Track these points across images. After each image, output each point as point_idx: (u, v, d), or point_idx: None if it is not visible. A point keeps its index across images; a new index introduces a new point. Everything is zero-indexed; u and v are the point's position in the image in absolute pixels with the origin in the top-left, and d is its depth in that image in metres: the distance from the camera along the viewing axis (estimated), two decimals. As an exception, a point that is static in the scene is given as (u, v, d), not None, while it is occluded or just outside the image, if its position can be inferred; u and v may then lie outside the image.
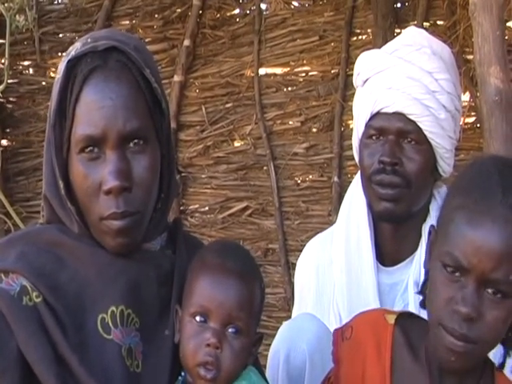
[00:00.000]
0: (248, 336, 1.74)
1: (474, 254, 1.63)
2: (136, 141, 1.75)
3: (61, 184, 1.78)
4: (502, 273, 1.63)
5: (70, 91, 1.75)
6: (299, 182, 4.50)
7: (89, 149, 1.74)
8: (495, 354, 1.84)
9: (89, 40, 1.79)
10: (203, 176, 4.69)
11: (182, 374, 1.77)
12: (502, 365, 1.81)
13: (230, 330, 1.72)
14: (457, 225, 1.67)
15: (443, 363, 1.73)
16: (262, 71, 4.58)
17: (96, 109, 1.73)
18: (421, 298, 1.84)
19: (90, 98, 1.74)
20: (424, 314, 1.83)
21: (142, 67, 1.77)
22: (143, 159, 1.76)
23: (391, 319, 1.85)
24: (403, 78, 2.33)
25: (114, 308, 1.75)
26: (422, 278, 1.86)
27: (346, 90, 4.34)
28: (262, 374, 1.91)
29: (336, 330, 1.93)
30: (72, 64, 1.76)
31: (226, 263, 1.75)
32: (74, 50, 1.79)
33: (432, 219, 2.39)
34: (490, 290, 1.65)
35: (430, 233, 1.81)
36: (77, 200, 1.78)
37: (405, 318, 1.88)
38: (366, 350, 1.83)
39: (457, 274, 1.66)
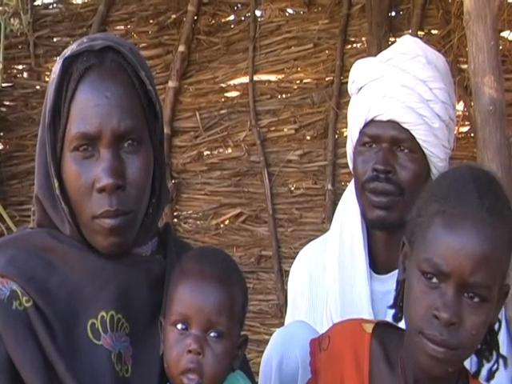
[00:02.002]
0: (230, 339, 1.74)
1: (454, 258, 1.65)
2: (130, 141, 1.76)
3: (56, 183, 1.77)
4: (481, 276, 1.65)
5: (66, 89, 1.76)
6: (293, 189, 4.49)
7: (83, 147, 1.75)
8: (469, 363, 1.86)
9: (85, 40, 1.81)
10: (197, 182, 4.68)
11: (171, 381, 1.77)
12: (478, 373, 1.82)
13: (211, 334, 1.72)
14: (435, 230, 1.69)
15: (425, 370, 1.73)
16: (257, 78, 4.58)
17: (91, 107, 1.73)
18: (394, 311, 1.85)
19: (85, 96, 1.74)
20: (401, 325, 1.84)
21: (137, 68, 1.78)
22: (137, 160, 1.76)
23: (368, 328, 1.86)
24: (397, 86, 2.34)
25: (103, 313, 1.75)
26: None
27: (341, 97, 4.34)
28: (252, 379, 1.91)
29: (313, 340, 1.93)
30: (68, 63, 1.77)
31: (203, 269, 1.75)
32: (69, 50, 1.80)
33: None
34: (468, 295, 1.66)
35: (402, 245, 1.81)
36: (69, 200, 1.78)
37: (382, 327, 1.89)
38: (344, 361, 1.84)
39: (436, 280, 1.68)
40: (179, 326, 1.72)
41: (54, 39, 4.89)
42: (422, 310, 1.68)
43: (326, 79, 4.44)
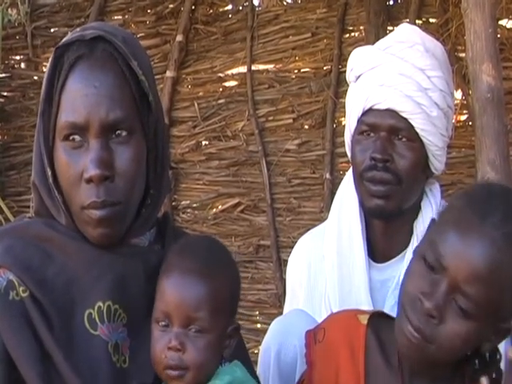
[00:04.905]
0: (213, 333, 1.71)
1: (455, 257, 1.65)
2: (119, 131, 1.75)
3: (49, 172, 1.77)
4: (474, 290, 1.63)
5: (57, 79, 1.76)
6: (291, 178, 4.50)
7: (72, 137, 1.74)
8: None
9: (78, 29, 1.80)
10: (195, 172, 4.68)
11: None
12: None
13: (191, 330, 1.70)
14: (452, 225, 1.68)
15: (400, 352, 1.74)
16: (255, 67, 4.58)
17: (80, 96, 1.73)
18: None
19: (75, 85, 1.74)
20: None
21: (128, 58, 1.76)
22: (127, 150, 1.75)
23: (364, 319, 1.85)
24: (396, 74, 2.33)
25: (100, 303, 1.74)
26: None
27: (339, 86, 4.34)
28: (252, 369, 1.90)
29: (308, 331, 1.92)
30: (60, 52, 1.77)
31: (182, 263, 1.73)
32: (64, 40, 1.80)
33: (423, 216, 2.39)
34: (457, 302, 1.65)
35: (431, 222, 1.81)
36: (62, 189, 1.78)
37: (377, 318, 1.88)
38: (339, 353, 1.83)
39: (433, 268, 1.67)
40: (161, 323, 1.72)
41: (52, 29, 4.90)
42: (411, 288, 1.69)
43: (324, 68, 4.43)
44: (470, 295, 1.64)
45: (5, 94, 4.97)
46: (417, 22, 4.15)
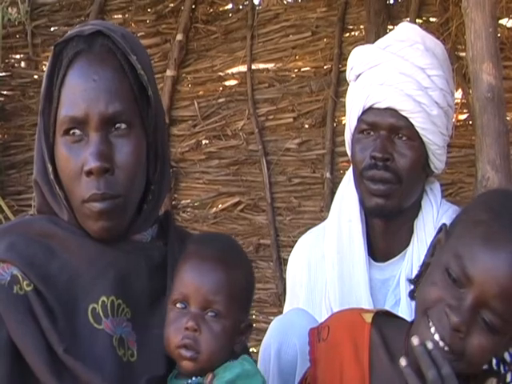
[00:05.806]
0: (229, 319, 1.75)
1: (483, 273, 1.62)
2: (119, 125, 1.76)
3: (50, 168, 1.78)
4: (503, 306, 1.62)
5: (57, 75, 1.77)
6: (291, 177, 4.49)
7: (72, 131, 1.76)
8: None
9: (77, 26, 1.83)
10: (195, 171, 4.68)
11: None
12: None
13: (208, 313, 1.74)
14: (476, 238, 1.65)
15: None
16: (255, 66, 4.58)
17: (79, 91, 1.74)
18: (411, 287, 1.84)
19: (74, 80, 1.75)
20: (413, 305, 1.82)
21: (127, 53, 1.77)
22: (126, 144, 1.76)
23: (368, 318, 1.85)
24: (396, 73, 2.34)
25: (104, 298, 1.75)
26: (415, 272, 1.86)
27: (339, 85, 4.34)
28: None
29: (312, 329, 1.93)
30: (59, 49, 1.78)
31: (204, 250, 1.79)
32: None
33: (424, 215, 2.39)
34: (483, 317, 1.63)
35: (440, 229, 1.79)
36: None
37: (381, 316, 1.87)
38: (344, 351, 1.83)
39: (458, 282, 1.65)
40: (178, 305, 1.76)
41: (52, 28, 4.89)
42: (435, 298, 1.67)
43: (325, 67, 4.43)
44: (497, 311, 1.62)
45: (5, 92, 4.96)
46: (417, 21, 4.15)
